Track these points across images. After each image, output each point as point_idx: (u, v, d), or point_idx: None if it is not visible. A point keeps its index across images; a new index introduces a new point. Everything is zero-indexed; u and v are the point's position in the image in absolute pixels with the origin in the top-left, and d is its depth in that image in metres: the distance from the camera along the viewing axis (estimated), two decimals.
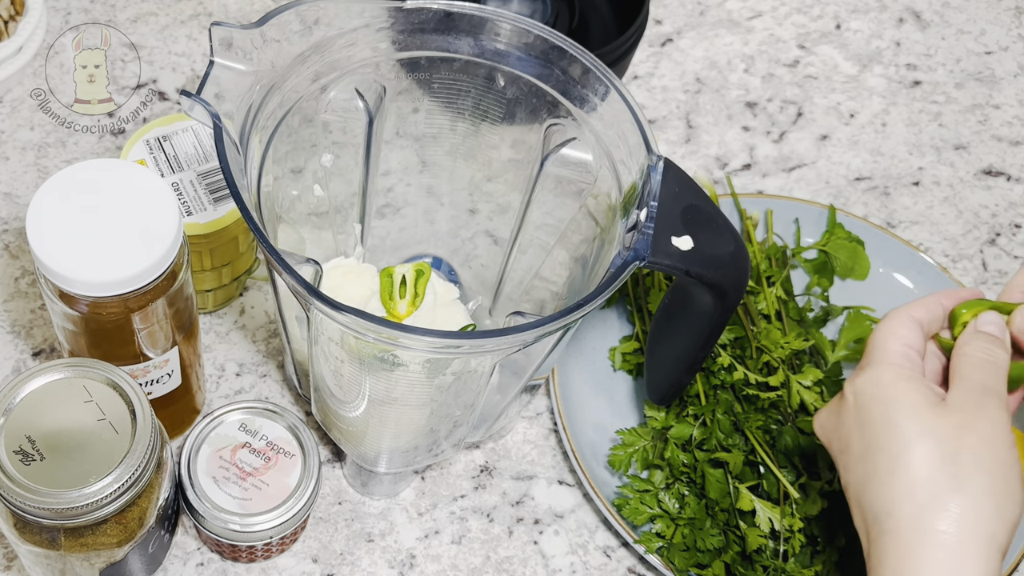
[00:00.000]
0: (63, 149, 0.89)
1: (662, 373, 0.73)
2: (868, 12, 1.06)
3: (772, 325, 0.80)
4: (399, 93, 0.70)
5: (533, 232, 0.73)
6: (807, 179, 0.96)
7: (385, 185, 0.77)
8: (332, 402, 0.68)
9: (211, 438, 0.73)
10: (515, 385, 0.68)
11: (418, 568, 0.76)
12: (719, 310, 0.64)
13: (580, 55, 0.65)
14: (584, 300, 0.57)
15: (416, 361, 0.61)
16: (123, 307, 0.65)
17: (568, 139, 0.67)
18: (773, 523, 0.73)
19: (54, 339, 0.81)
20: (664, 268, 0.60)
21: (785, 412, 0.78)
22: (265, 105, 0.61)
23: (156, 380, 0.71)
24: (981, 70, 1.03)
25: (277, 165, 0.66)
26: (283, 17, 0.61)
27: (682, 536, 0.75)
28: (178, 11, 0.97)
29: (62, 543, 0.63)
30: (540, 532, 0.78)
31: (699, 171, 0.94)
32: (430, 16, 0.66)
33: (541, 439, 0.82)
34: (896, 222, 0.94)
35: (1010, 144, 0.99)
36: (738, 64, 1.01)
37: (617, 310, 0.86)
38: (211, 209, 0.76)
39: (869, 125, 0.99)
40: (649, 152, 0.62)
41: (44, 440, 0.61)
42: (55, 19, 0.95)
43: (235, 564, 0.75)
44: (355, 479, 0.78)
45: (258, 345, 0.83)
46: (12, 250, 0.85)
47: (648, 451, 0.78)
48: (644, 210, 0.60)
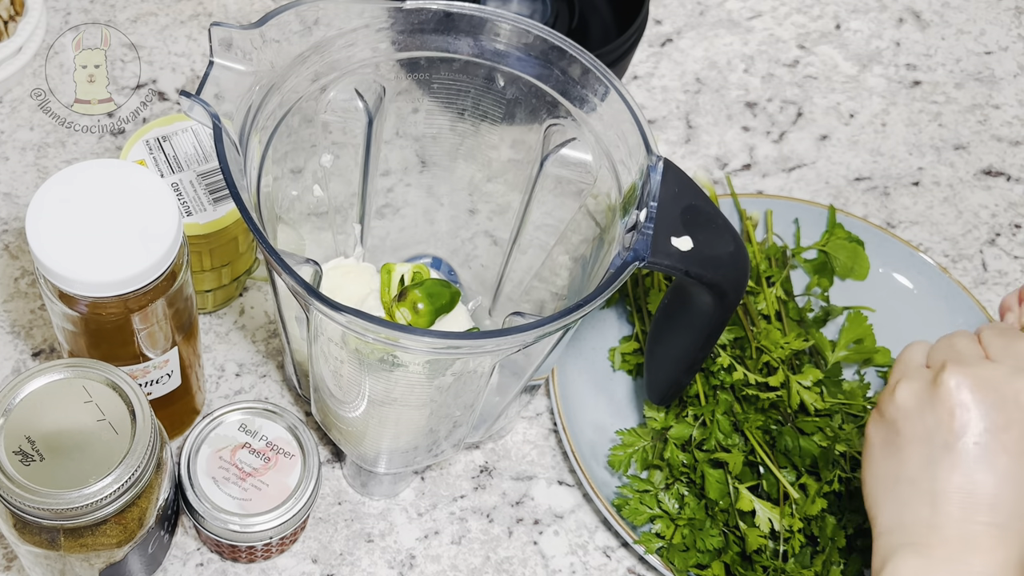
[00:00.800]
0: (63, 149, 0.89)
1: (662, 373, 0.73)
2: (868, 12, 1.06)
3: (772, 325, 0.80)
4: (399, 93, 0.70)
5: (533, 232, 0.73)
6: (807, 179, 0.96)
7: (385, 185, 0.77)
8: (332, 402, 0.68)
9: (211, 438, 0.73)
10: (515, 385, 0.68)
11: (418, 568, 0.76)
12: (719, 310, 0.64)
13: (580, 55, 0.65)
14: (584, 300, 0.57)
15: (416, 362, 0.61)
16: (123, 307, 0.65)
17: (568, 139, 0.67)
18: (773, 523, 0.73)
19: (54, 339, 0.81)
20: (664, 268, 0.60)
21: (785, 412, 0.78)
22: (265, 105, 0.61)
23: (156, 380, 0.71)
24: (981, 70, 1.03)
25: (277, 165, 0.66)
26: (283, 17, 0.61)
27: (682, 536, 0.75)
28: (178, 11, 0.97)
29: (62, 543, 0.63)
30: (540, 532, 0.78)
31: (699, 171, 0.94)
32: (430, 16, 0.66)
33: (541, 439, 0.82)
34: (896, 222, 0.94)
35: (1010, 144, 0.99)
36: (738, 64, 1.01)
37: (617, 310, 0.85)
38: (211, 209, 0.76)
39: (869, 125, 0.99)
40: (649, 152, 0.62)
41: (44, 440, 0.61)
42: (55, 19, 0.95)
43: (235, 564, 0.75)
44: (355, 479, 0.78)
45: (258, 345, 0.83)
46: (12, 250, 0.85)
47: (648, 451, 0.78)
48: (644, 210, 0.60)
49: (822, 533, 0.74)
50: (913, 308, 0.86)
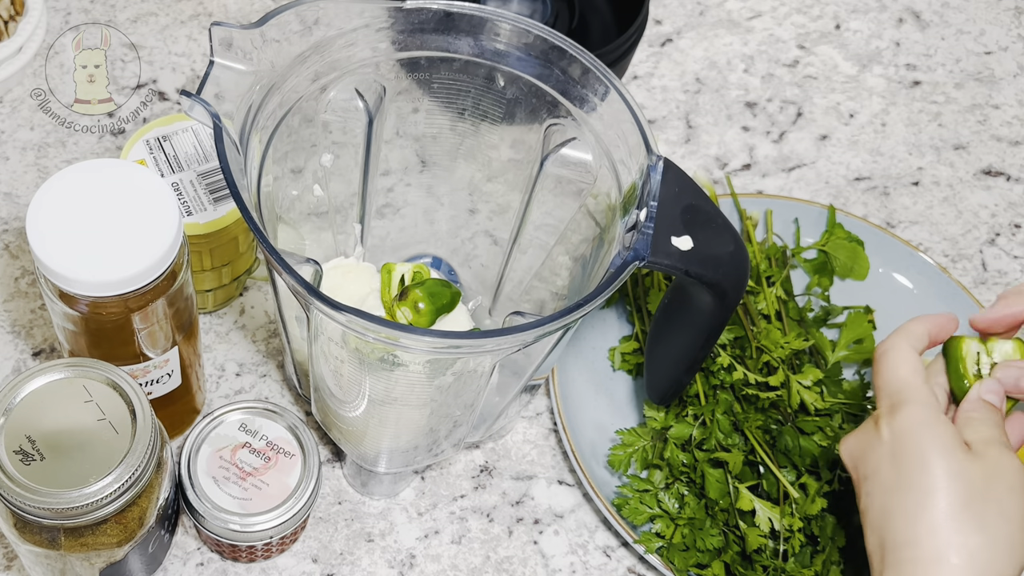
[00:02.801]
0: (63, 149, 0.90)
1: (662, 373, 0.73)
2: (868, 12, 1.06)
3: (772, 325, 0.80)
4: (399, 93, 0.70)
5: (533, 232, 0.73)
6: (807, 179, 0.96)
7: (385, 185, 0.77)
8: (332, 402, 0.68)
9: (211, 438, 0.73)
10: (515, 385, 0.68)
11: (418, 568, 0.76)
12: (719, 310, 0.64)
13: (580, 55, 0.65)
14: (584, 300, 0.57)
15: (416, 361, 0.62)
16: (123, 307, 0.65)
17: (568, 139, 0.67)
18: (773, 523, 0.73)
19: (54, 339, 0.81)
20: (664, 268, 0.60)
21: (785, 412, 0.78)
22: (265, 105, 0.61)
23: (156, 380, 0.71)
24: (981, 70, 1.03)
25: (277, 165, 0.66)
26: (283, 17, 0.61)
27: (682, 536, 0.75)
28: (178, 11, 0.97)
29: (62, 543, 0.63)
30: (540, 532, 0.78)
31: (699, 171, 0.94)
32: (430, 16, 0.66)
33: (541, 439, 0.82)
34: (896, 222, 0.94)
35: (1010, 144, 0.99)
36: (738, 64, 1.01)
37: (617, 310, 0.86)
38: (211, 209, 0.76)
39: (869, 125, 0.99)
40: (649, 152, 0.62)
41: (44, 440, 0.61)
42: (55, 19, 0.95)
43: (235, 564, 0.75)
44: (355, 479, 0.78)
45: (258, 345, 0.83)
46: (12, 250, 0.85)
47: (648, 451, 0.78)
48: (644, 210, 0.60)
49: (822, 533, 0.74)
50: (913, 308, 0.86)
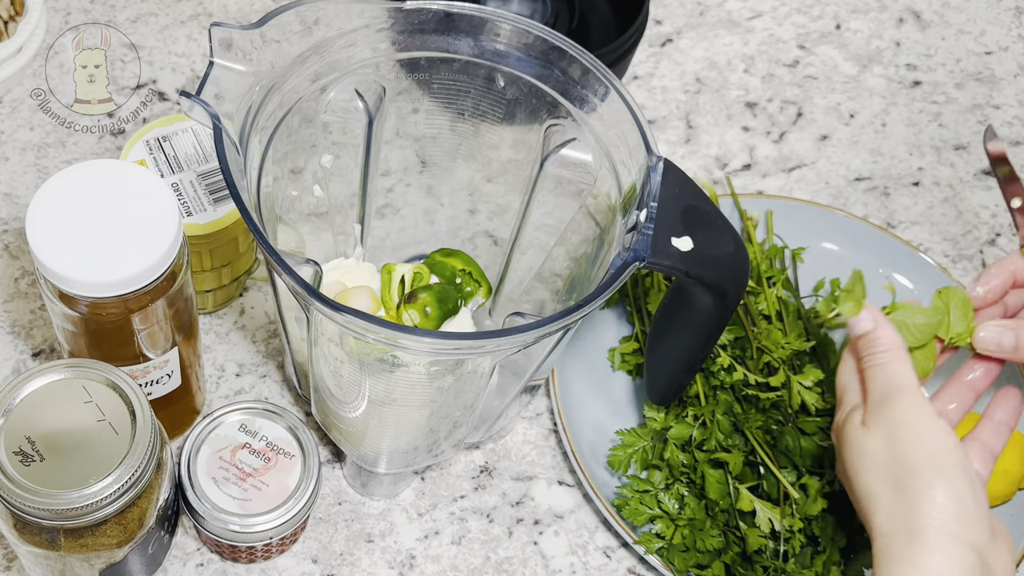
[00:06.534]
0: (63, 149, 0.89)
1: (662, 373, 0.73)
2: (868, 12, 1.06)
3: (773, 325, 0.80)
4: (399, 93, 0.70)
5: (533, 232, 0.73)
6: (807, 179, 0.96)
7: (385, 185, 0.77)
8: (332, 403, 0.68)
9: (211, 439, 0.73)
10: (515, 386, 0.68)
11: (418, 568, 0.76)
12: (719, 311, 0.64)
13: (580, 55, 0.65)
14: (584, 301, 0.57)
15: (416, 362, 0.62)
16: (123, 308, 0.65)
17: (568, 139, 0.67)
18: (773, 523, 0.73)
19: (54, 339, 0.81)
20: (664, 269, 0.60)
21: (786, 412, 0.78)
22: (265, 106, 0.61)
23: (156, 381, 0.71)
24: (981, 70, 1.03)
25: (277, 165, 0.66)
26: (283, 18, 0.61)
27: (682, 537, 0.75)
28: (178, 11, 0.97)
29: (62, 544, 0.63)
30: (540, 533, 0.78)
31: (699, 171, 0.94)
32: (430, 16, 0.66)
33: (541, 439, 0.82)
34: (896, 222, 0.94)
35: (1010, 144, 0.99)
36: (738, 64, 1.01)
37: (617, 310, 0.86)
38: (211, 209, 0.76)
39: (869, 125, 0.99)
40: (649, 152, 0.62)
41: (44, 441, 0.61)
42: (55, 19, 0.95)
43: (235, 564, 0.75)
44: (355, 479, 0.78)
45: (258, 345, 0.83)
46: (12, 250, 0.85)
47: (648, 452, 0.78)
48: (644, 211, 0.60)
49: (823, 533, 0.74)
50: None
